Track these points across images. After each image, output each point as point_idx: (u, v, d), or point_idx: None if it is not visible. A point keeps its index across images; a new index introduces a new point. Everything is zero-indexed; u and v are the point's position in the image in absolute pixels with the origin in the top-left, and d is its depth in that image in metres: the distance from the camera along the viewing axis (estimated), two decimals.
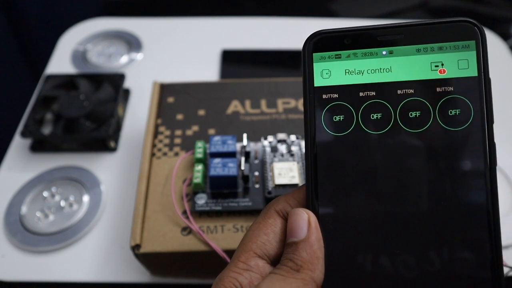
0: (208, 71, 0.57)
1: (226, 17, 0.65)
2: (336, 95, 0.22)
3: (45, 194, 0.43)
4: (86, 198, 0.43)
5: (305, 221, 0.21)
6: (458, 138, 0.21)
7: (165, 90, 0.43)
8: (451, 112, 0.21)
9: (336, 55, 0.22)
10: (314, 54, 0.22)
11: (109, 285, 0.38)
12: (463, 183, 0.20)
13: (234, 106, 0.41)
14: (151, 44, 0.61)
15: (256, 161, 0.35)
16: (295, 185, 0.32)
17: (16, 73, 0.71)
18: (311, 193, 0.21)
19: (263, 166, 0.35)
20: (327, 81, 0.22)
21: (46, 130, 0.48)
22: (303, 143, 0.36)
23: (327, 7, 0.74)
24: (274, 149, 0.35)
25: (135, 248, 0.32)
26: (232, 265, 0.21)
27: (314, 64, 0.22)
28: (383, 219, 0.21)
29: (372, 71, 0.22)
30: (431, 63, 0.21)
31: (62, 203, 0.42)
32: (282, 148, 0.35)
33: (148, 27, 0.63)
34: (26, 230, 0.40)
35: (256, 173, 0.35)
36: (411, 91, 0.21)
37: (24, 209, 0.42)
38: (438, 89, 0.21)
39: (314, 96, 0.22)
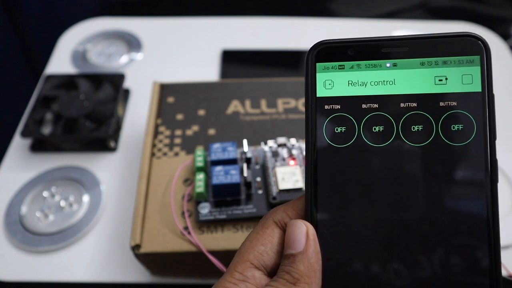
0: (208, 71, 0.57)
1: (226, 17, 0.65)
2: (338, 106, 0.22)
3: (45, 194, 0.43)
4: (86, 198, 0.43)
5: (304, 233, 0.20)
6: (460, 153, 0.21)
7: (165, 90, 0.43)
8: (453, 127, 0.21)
9: (340, 65, 0.22)
10: (317, 64, 0.22)
11: (109, 285, 0.38)
12: (464, 198, 0.20)
13: (234, 106, 0.41)
14: (151, 44, 0.61)
15: (257, 167, 0.35)
16: (299, 189, 0.32)
17: (16, 73, 0.71)
18: (310, 204, 0.21)
19: (264, 172, 0.35)
20: (330, 92, 0.22)
21: (46, 130, 0.48)
22: (303, 145, 0.36)
23: (327, 7, 0.74)
24: (275, 154, 0.35)
25: (135, 248, 0.32)
26: (228, 275, 0.20)
27: (317, 74, 0.22)
28: (383, 232, 0.21)
29: (376, 83, 0.22)
30: (435, 77, 0.21)
31: (62, 203, 0.42)
32: (283, 152, 0.35)
33: (148, 27, 0.63)
34: (26, 230, 0.40)
35: (258, 179, 0.35)
36: (414, 104, 0.21)
37: (24, 209, 0.42)
38: (441, 104, 0.21)
39: (316, 106, 0.22)
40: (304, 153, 0.35)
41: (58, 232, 0.40)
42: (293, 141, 0.36)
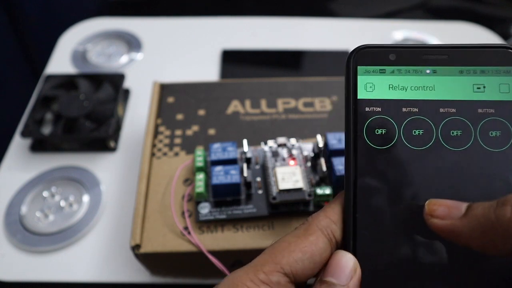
0: (208, 71, 0.57)
1: (226, 17, 0.65)
2: (379, 109, 0.22)
3: (45, 194, 0.43)
4: (86, 198, 0.43)
5: (351, 269, 0.19)
6: (498, 158, 0.21)
7: (165, 90, 0.43)
8: (491, 133, 0.21)
9: (381, 69, 0.22)
10: (358, 67, 0.23)
11: (109, 285, 0.38)
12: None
13: (234, 106, 0.41)
14: (151, 44, 0.61)
15: (257, 167, 0.35)
16: (299, 189, 0.32)
17: (16, 73, 0.71)
18: (352, 204, 0.21)
19: (264, 171, 0.35)
20: (371, 94, 0.22)
21: (46, 130, 0.48)
22: (303, 145, 0.36)
23: (327, 7, 0.74)
24: (275, 154, 0.35)
25: (135, 248, 0.32)
26: (252, 272, 0.19)
27: (359, 77, 0.22)
28: (422, 239, 0.21)
29: (416, 88, 0.22)
30: (473, 84, 0.22)
31: (62, 203, 0.42)
32: (283, 152, 0.35)
33: (148, 27, 0.63)
34: (26, 230, 0.40)
35: (258, 179, 0.35)
36: (453, 110, 0.22)
37: (24, 209, 0.42)
38: (479, 110, 0.22)
39: (357, 108, 0.22)
40: (304, 153, 0.35)
41: (58, 232, 0.40)
42: (293, 141, 0.36)
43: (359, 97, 0.22)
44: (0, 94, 0.67)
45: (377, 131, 0.22)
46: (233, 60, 0.59)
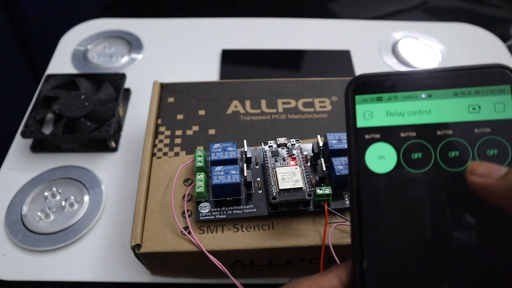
0: (208, 71, 0.57)
1: (226, 17, 0.65)
2: (378, 136, 0.23)
3: (46, 194, 0.43)
4: (86, 198, 0.43)
5: None
6: None
7: (165, 90, 0.43)
8: (489, 152, 0.22)
9: (378, 97, 0.23)
10: (356, 96, 0.23)
11: (109, 285, 0.38)
12: (504, 220, 0.21)
13: (234, 106, 0.41)
14: (151, 44, 0.61)
15: (257, 167, 0.35)
16: (299, 189, 0.32)
17: (17, 73, 0.71)
18: (357, 223, 0.22)
19: (264, 172, 0.35)
20: (369, 122, 0.23)
21: (47, 130, 0.48)
22: (303, 146, 0.36)
23: (327, 7, 0.74)
24: (275, 154, 0.35)
25: (136, 248, 0.32)
26: None
27: (357, 105, 0.23)
28: (424, 255, 0.21)
29: (412, 113, 0.23)
30: (468, 105, 0.22)
31: (63, 203, 0.42)
32: (283, 152, 0.35)
33: (148, 27, 0.63)
34: (27, 229, 0.41)
35: (258, 179, 0.35)
36: (450, 132, 0.22)
37: (25, 208, 0.42)
38: (476, 130, 0.22)
39: (357, 136, 0.23)
40: (304, 153, 0.36)
41: (58, 232, 0.40)
42: (293, 141, 0.36)
43: (358, 125, 0.23)
44: (2, 95, 0.67)
45: (378, 157, 0.23)
46: (233, 60, 0.59)
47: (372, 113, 0.23)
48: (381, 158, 0.22)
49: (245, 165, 0.34)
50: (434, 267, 0.21)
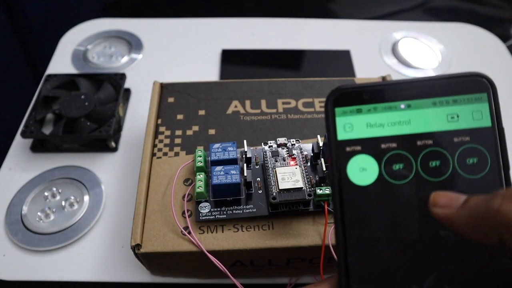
0: (208, 71, 0.57)
1: (226, 17, 0.65)
2: (359, 148, 0.23)
3: (46, 194, 0.43)
4: (86, 198, 0.43)
5: None
6: (477, 184, 0.22)
7: (165, 90, 0.43)
8: (469, 161, 0.22)
9: (358, 109, 0.23)
10: (336, 109, 0.23)
11: (109, 285, 0.38)
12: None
13: (234, 106, 0.41)
14: (151, 44, 0.61)
15: (257, 167, 0.35)
16: (299, 189, 0.32)
17: (17, 73, 0.71)
18: (342, 238, 0.22)
19: (264, 172, 0.35)
20: (350, 135, 0.23)
21: (47, 130, 0.48)
22: (303, 146, 0.36)
23: (327, 7, 0.74)
24: (275, 154, 0.35)
25: (136, 248, 0.32)
26: None
27: (337, 118, 0.23)
28: (408, 266, 0.22)
29: (392, 124, 0.23)
30: (447, 115, 0.23)
31: (63, 203, 0.42)
32: (283, 152, 0.35)
33: (148, 27, 0.63)
34: (27, 229, 0.41)
35: (258, 179, 0.35)
36: (430, 142, 0.22)
37: (25, 208, 0.42)
38: (455, 139, 0.22)
39: (338, 149, 0.23)
40: (304, 153, 0.36)
41: (58, 232, 0.40)
42: (293, 141, 0.36)
43: (338, 138, 0.23)
44: (2, 95, 0.67)
45: (359, 170, 0.23)
46: (233, 60, 0.59)
47: (352, 125, 0.23)
48: (363, 170, 0.22)
49: (245, 165, 0.34)
50: (417, 280, 0.21)
